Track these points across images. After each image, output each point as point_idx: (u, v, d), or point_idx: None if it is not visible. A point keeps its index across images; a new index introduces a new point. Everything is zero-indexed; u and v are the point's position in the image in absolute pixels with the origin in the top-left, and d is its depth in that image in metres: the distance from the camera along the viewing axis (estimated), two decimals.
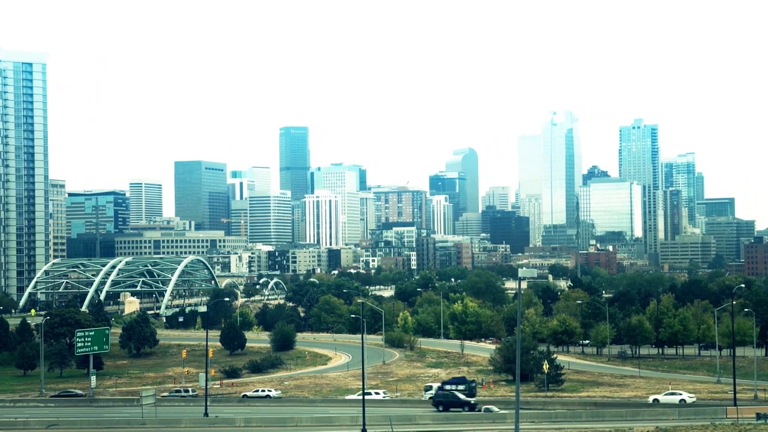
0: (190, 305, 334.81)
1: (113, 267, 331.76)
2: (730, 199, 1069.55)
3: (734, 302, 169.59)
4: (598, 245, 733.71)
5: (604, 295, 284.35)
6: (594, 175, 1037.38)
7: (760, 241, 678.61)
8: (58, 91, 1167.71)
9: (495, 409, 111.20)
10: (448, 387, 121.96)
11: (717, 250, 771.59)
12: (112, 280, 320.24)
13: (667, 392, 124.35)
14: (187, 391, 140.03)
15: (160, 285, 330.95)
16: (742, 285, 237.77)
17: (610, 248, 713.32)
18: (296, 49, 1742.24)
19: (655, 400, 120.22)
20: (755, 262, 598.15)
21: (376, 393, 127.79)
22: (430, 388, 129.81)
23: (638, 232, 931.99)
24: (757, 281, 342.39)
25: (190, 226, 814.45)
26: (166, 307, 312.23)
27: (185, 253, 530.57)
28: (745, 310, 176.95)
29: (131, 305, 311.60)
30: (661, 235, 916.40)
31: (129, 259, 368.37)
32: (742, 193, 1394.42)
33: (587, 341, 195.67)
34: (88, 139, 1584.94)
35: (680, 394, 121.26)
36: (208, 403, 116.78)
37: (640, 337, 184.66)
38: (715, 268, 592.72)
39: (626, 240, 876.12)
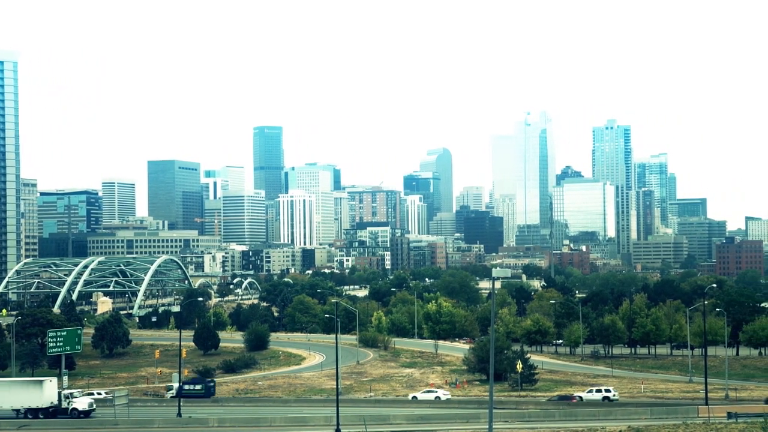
0: (163, 305, 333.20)
1: (86, 267, 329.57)
2: (702, 200, 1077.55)
3: (706, 302, 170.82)
4: (572, 245, 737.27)
5: (578, 295, 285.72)
6: (567, 175, 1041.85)
7: (731, 241, 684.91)
8: (29, 90, 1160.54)
9: None
10: (187, 386, 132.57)
11: (689, 250, 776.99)
12: (85, 280, 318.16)
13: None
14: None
15: (133, 285, 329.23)
16: (714, 285, 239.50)
17: (584, 248, 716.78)
18: (271, 49, 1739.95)
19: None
20: (727, 262, 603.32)
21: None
22: (171, 388, 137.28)
23: (611, 232, 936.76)
24: (728, 281, 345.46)
25: (163, 226, 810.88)
26: (139, 307, 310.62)
27: (158, 252, 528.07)
28: (717, 309, 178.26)
29: (104, 305, 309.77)
30: (633, 235, 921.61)
31: (102, 258, 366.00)
32: (713, 194, 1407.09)
33: (561, 341, 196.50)
34: (61, 138, 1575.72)
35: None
36: (181, 404, 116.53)
37: (613, 336, 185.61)
38: (687, 268, 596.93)
39: (599, 240, 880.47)
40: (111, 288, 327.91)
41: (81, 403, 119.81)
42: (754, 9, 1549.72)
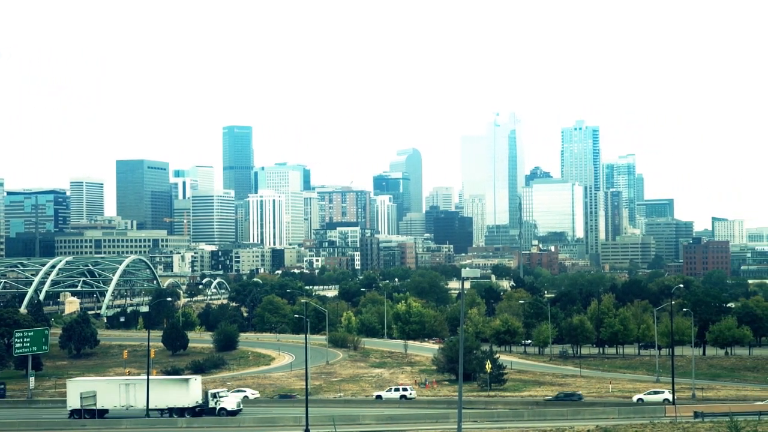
0: (131, 305, 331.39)
1: (53, 267, 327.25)
2: (669, 201, 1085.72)
3: (673, 302, 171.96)
4: (541, 245, 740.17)
5: (546, 295, 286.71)
6: (536, 175, 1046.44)
7: (698, 241, 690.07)
8: None
9: None
10: None
11: (656, 251, 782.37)
12: (52, 280, 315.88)
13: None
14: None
15: (101, 285, 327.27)
16: (681, 285, 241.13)
17: (552, 248, 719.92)
18: (240, 48, 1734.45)
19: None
20: (693, 263, 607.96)
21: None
22: None
23: (580, 233, 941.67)
24: (695, 281, 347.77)
25: (132, 226, 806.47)
26: (108, 307, 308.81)
27: (127, 252, 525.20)
28: (684, 310, 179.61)
29: (71, 305, 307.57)
30: (602, 235, 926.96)
31: (69, 258, 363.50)
32: (680, 195, 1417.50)
33: (529, 341, 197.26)
34: (28, 137, 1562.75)
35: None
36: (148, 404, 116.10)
37: (581, 336, 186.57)
38: (654, 268, 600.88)
39: (568, 240, 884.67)
40: (79, 288, 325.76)
41: (229, 402, 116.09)
42: (722, 12, 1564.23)
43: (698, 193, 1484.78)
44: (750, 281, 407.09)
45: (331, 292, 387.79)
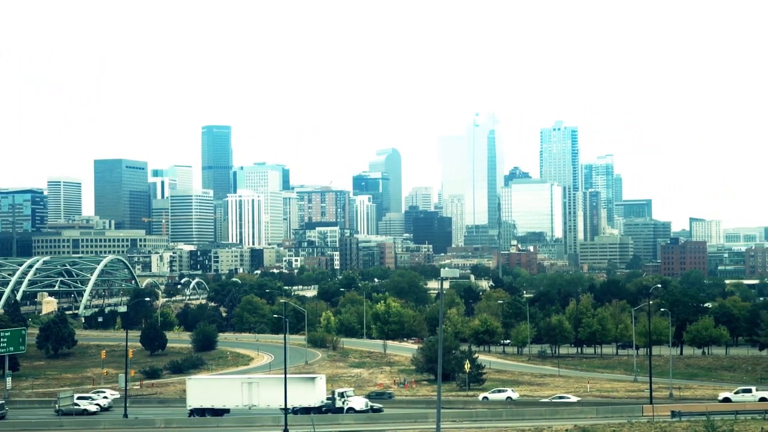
0: (109, 305, 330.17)
1: (30, 266, 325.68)
2: (647, 201, 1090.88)
3: (651, 302, 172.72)
4: (520, 245, 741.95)
5: (525, 295, 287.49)
6: (515, 176, 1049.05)
7: (675, 242, 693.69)
8: None
9: None
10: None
11: (635, 251, 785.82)
12: (29, 280, 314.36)
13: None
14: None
15: (79, 285, 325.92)
16: (659, 285, 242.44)
17: (531, 249, 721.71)
18: (219, 47, 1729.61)
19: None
20: (671, 263, 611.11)
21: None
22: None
23: (558, 233, 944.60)
24: (672, 281, 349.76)
25: (110, 225, 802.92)
26: (85, 307, 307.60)
27: (105, 252, 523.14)
28: (662, 309, 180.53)
29: (49, 305, 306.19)
30: (580, 235, 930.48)
31: (47, 258, 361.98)
32: (658, 195, 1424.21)
33: (508, 341, 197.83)
34: (5, 136, 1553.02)
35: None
36: (127, 404, 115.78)
37: (559, 336, 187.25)
38: (632, 268, 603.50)
39: (547, 240, 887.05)
40: (56, 288, 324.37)
41: (357, 402, 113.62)
42: (698, 12, 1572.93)
43: (676, 194, 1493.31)
44: (727, 281, 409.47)
45: (311, 292, 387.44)
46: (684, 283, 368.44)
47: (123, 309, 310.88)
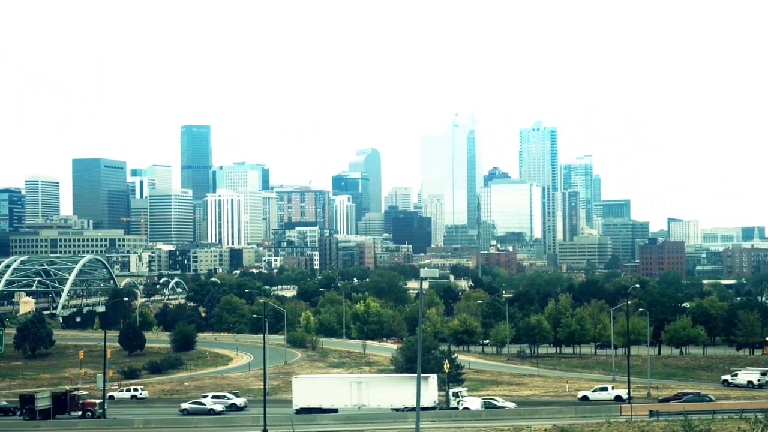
0: (88, 305, 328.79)
1: (8, 266, 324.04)
2: (625, 201, 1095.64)
3: (629, 302, 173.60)
4: (499, 245, 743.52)
5: (504, 295, 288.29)
6: (495, 176, 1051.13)
7: (654, 242, 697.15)
8: None
9: None
10: None
11: (613, 251, 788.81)
12: (7, 280, 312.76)
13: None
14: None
15: (57, 285, 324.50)
16: (637, 285, 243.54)
17: (510, 249, 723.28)
18: (198, 47, 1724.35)
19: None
20: (649, 263, 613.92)
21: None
22: None
23: (537, 233, 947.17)
24: (651, 281, 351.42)
25: (88, 225, 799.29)
26: (63, 307, 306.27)
27: (83, 252, 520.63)
28: (640, 309, 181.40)
29: (26, 305, 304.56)
30: (559, 235, 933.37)
31: (24, 258, 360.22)
32: (637, 196, 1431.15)
33: (487, 341, 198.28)
34: None
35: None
36: (106, 405, 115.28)
37: (538, 336, 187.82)
38: (611, 268, 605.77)
39: (526, 240, 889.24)
40: (34, 288, 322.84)
41: (473, 402, 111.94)
42: (679, 14, 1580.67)
43: (654, 194, 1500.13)
44: (704, 281, 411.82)
45: (290, 292, 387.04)
46: (662, 283, 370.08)
47: (101, 309, 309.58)
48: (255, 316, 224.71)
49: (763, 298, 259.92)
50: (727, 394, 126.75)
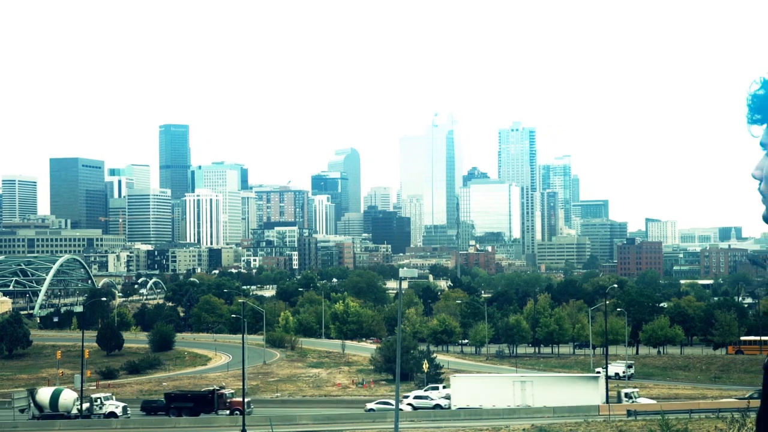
0: (65, 305, 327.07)
1: None
2: (604, 201, 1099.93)
3: (607, 302, 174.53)
4: (478, 246, 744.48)
5: (483, 295, 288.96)
6: (474, 176, 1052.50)
7: (632, 242, 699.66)
8: None
9: None
10: None
11: (591, 251, 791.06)
12: None
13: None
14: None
15: (34, 284, 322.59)
16: (615, 285, 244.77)
17: (489, 249, 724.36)
18: (177, 46, 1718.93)
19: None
20: (627, 263, 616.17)
21: None
22: None
23: (516, 233, 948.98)
24: (629, 281, 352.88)
25: (66, 225, 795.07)
26: (41, 307, 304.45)
27: (61, 252, 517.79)
28: (618, 309, 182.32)
29: (3, 305, 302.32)
30: (538, 236, 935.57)
31: (1, 257, 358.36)
32: (615, 196, 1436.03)
33: (466, 340, 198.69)
34: None
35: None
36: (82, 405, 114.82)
37: (517, 336, 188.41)
38: (589, 268, 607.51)
39: (505, 241, 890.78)
40: (11, 288, 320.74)
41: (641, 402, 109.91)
42: (655, 15, 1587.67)
43: (633, 194, 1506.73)
44: (682, 281, 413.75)
45: (269, 291, 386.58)
46: (640, 283, 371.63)
47: (79, 309, 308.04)
48: (234, 316, 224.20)
49: (740, 298, 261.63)
50: None
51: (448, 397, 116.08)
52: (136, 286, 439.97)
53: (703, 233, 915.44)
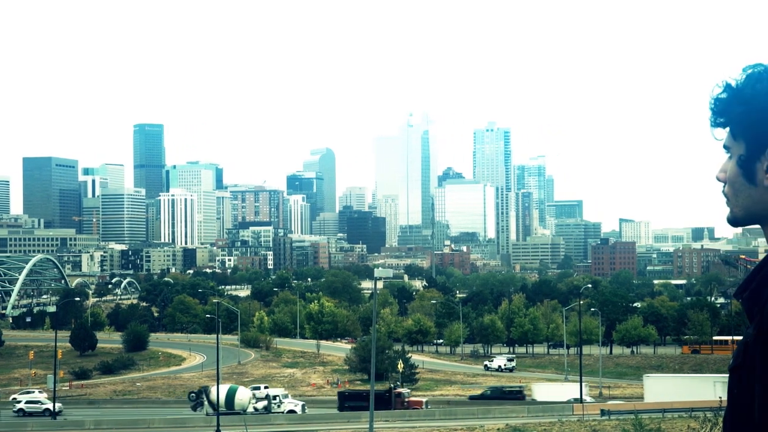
0: (38, 305, 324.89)
1: None
2: (578, 202, 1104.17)
3: (581, 302, 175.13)
4: (453, 246, 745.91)
5: (458, 295, 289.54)
6: (449, 176, 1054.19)
7: (605, 242, 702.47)
8: None
9: None
10: None
11: (566, 251, 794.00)
12: None
13: None
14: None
15: (7, 284, 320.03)
16: (589, 285, 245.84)
17: (464, 249, 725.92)
18: (151, 45, 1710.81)
19: None
20: (601, 263, 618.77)
21: None
22: None
23: (491, 233, 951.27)
24: (603, 281, 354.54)
25: (39, 224, 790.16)
26: (13, 307, 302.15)
27: (34, 251, 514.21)
28: (592, 309, 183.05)
29: None
30: (513, 236, 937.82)
31: None
32: (589, 196, 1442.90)
33: (441, 340, 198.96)
34: None
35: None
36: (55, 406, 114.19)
37: (492, 336, 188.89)
38: (563, 268, 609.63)
39: (480, 241, 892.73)
40: None
41: None
42: (627, 17, 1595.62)
43: (607, 195, 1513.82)
44: (655, 281, 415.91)
45: (244, 291, 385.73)
46: (614, 283, 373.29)
47: (52, 309, 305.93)
48: (208, 316, 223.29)
49: (713, 298, 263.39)
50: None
51: None
52: (110, 286, 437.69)
53: (676, 233, 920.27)
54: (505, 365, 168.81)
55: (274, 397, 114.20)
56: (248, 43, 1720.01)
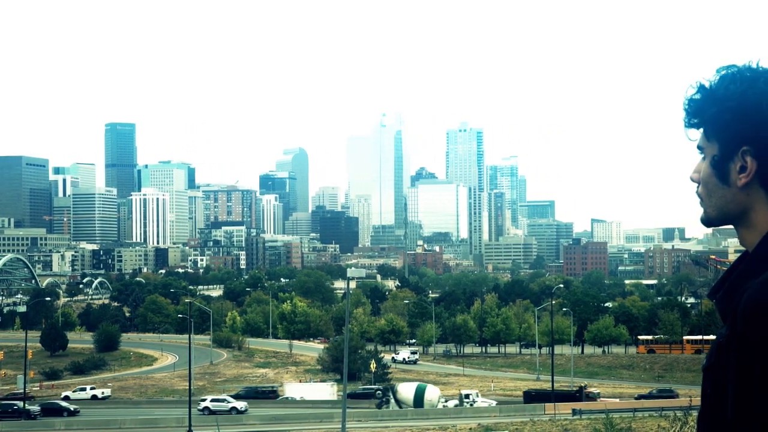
0: (8, 305, 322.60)
1: None
2: (550, 202, 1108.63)
3: (553, 302, 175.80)
4: (426, 246, 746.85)
5: (431, 295, 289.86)
6: (422, 176, 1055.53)
7: (577, 242, 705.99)
8: None
9: None
10: None
11: (538, 251, 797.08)
12: None
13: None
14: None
15: None
16: (561, 285, 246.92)
17: (437, 249, 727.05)
18: (123, 43, 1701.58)
19: None
20: (573, 263, 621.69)
21: None
22: None
23: (464, 233, 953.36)
24: (575, 281, 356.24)
25: (9, 224, 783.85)
26: None
27: (4, 251, 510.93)
28: (564, 309, 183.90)
29: None
30: (485, 236, 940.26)
31: None
32: (561, 196, 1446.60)
33: (414, 340, 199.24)
34: None
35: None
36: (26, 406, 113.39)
37: (464, 336, 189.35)
38: (536, 268, 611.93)
39: (452, 241, 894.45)
40: None
41: None
42: (600, 15, 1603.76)
43: (578, 195, 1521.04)
44: (626, 281, 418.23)
45: (216, 291, 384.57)
46: (585, 283, 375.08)
47: (22, 309, 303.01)
48: (180, 316, 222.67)
49: (683, 298, 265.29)
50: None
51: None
52: (81, 286, 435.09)
53: (647, 234, 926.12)
54: (408, 358, 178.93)
55: (467, 396, 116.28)
56: (221, 43, 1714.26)
